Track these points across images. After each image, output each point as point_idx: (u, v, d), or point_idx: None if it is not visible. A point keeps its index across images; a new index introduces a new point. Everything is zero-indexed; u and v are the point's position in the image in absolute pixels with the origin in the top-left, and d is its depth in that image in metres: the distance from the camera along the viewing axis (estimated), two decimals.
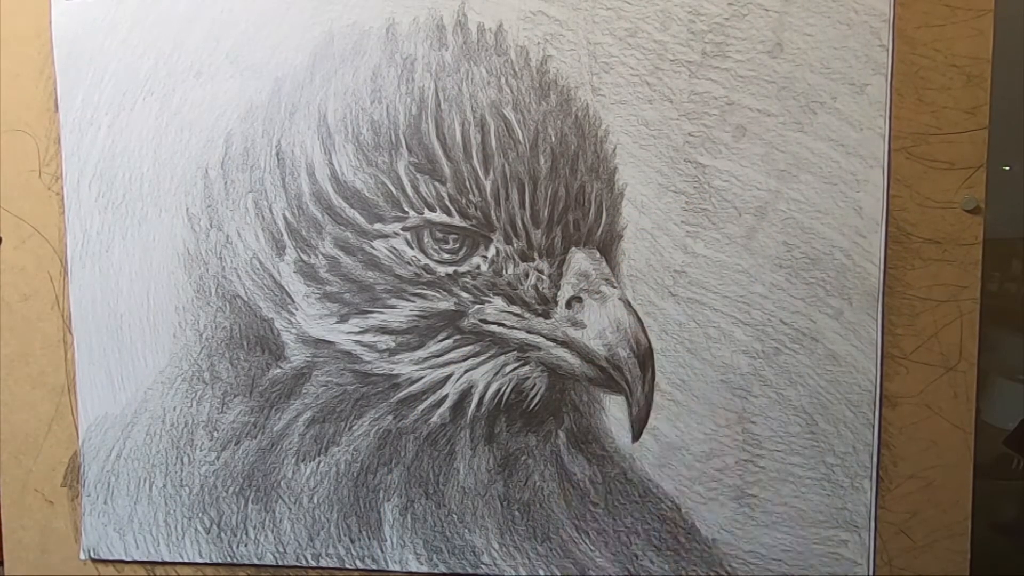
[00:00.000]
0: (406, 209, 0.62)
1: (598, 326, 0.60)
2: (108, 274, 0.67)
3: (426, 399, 0.63)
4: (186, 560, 0.68)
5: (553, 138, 0.60)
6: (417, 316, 0.63)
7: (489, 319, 0.62)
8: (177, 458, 0.67)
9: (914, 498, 0.60)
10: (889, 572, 0.61)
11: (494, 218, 0.61)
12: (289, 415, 0.65)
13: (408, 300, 0.63)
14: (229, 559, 0.67)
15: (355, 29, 0.63)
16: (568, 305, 0.61)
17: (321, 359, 0.64)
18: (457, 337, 0.62)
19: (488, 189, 0.60)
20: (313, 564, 0.66)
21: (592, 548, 0.63)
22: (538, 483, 0.63)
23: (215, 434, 0.66)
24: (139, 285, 0.67)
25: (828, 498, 0.60)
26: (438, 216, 0.61)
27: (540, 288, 0.61)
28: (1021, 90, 0.71)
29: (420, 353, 0.63)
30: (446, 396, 0.63)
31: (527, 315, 0.61)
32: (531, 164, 0.60)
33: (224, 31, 0.64)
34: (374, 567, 0.65)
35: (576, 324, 0.60)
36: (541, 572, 0.64)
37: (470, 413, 0.63)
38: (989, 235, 0.58)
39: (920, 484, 0.60)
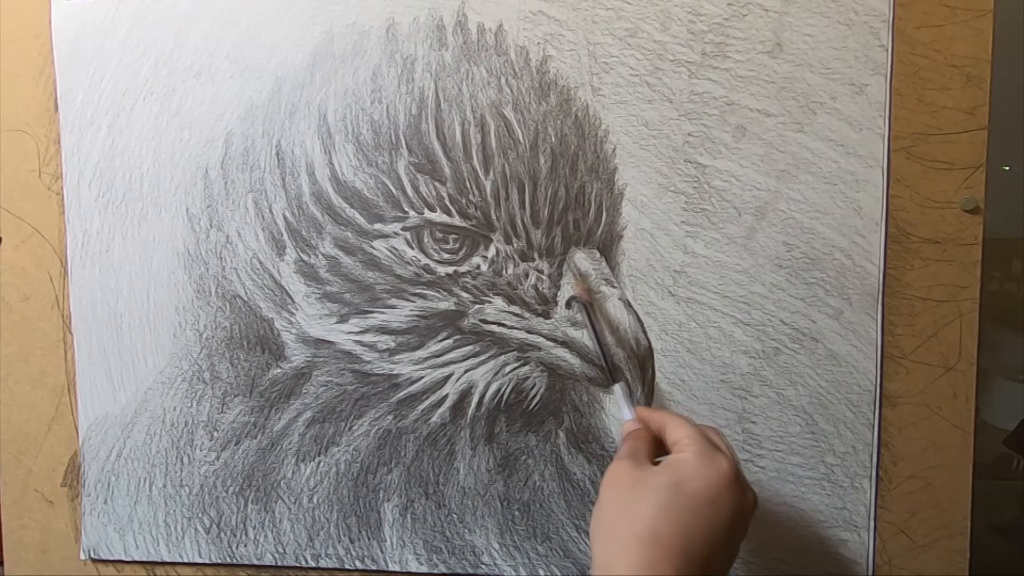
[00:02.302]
0: (406, 209, 0.62)
1: (598, 326, 0.60)
2: (108, 274, 0.67)
3: (426, 399, 0.63)
4: (186, 560, 0.68)
5: (553, 138, 0.60)
6: (417, 316, 0.63)
7: (489, 319, 0.62)
8: (177, 458, 0.67)
9: (914, 498, 0.60)
10: (889, 572, 0.61)
11: (494, 218, 0.61)
12: (289, 415, 0.65)
13: (408, 300, 0.63)
14: (229, 559, 0.67)
15: (355, 29, 0.63)
16: (568, 305, 0.61)
17: (321, 359, 0.64)
18: (457, 337, 0.62)
19: (488, 189, 0.60)
20: (313, 564, 0.66)
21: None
22: (538, 483, 0.63)
23: (215, 434, 0.66)
24: (139, 285, 0.67)
25: (828, 498, 0.61)
26: (438, 216, 0.61)
27: (540, 288, 0.61)
28: (1021, 90, 0.71)
29: (420, 353, 0.63)
30: (446, 396, 0.63)
31: (527, 315, 0.61)
32: (531, 164, 0.60)
33: (224, 31, 0.64)
34: (374, 567, 0.65)
35: (576, 324, 0.61)
36: (541, 572, 0.64)
37: (470, 413, 0.63)
38: (989, 235, 0.58)
39: (920, 484, 0.60)
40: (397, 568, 0.65)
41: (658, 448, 0.49)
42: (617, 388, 0.54)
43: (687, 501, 0.43)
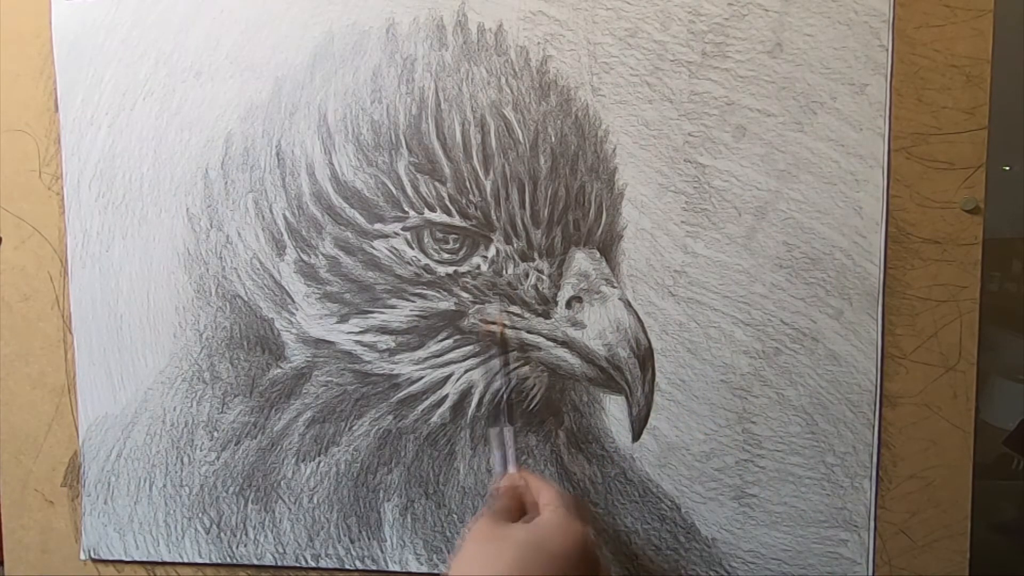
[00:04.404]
0: (406, 209, 0.62)
1: (598, 326, 0.60)
2: (108, 274, 0.67)
3: (426, 399, 0.63)
4: (186, 560, 0.68)
5: (553, 138, 0.60)
6: (417, 316, 0.63)
7: (489, 319, 0.62)
8: (177, 458, 0.67)
9: (914, 498, 0.60)
10: (889, 572, 0.61)
11: (494, 218, 0.61)
12: (289, 415, 0.65)
13: (408, 300, 0.63)
14: (229, 559, 0.67)
15: (355, 29, 0.63)
16: (568, 305, 0.61)
17: (321, 359, 0.64)
18: (457, 337, 0.62)
19: (488, 189, 0.60)
20: (313, 564, 0.66)
21: None
22: None
23: (215, 434, 0.66)
24: (139, 285, 0.67)
25: (828, 498, 0.60)
26: (438, 216, 0.61)
27: (540, 288, 0.61)
28: (1021, 90, 0.71)
29: (420, 353, 0.63)
30: (446, 396, 0.63)
31: (527, 315, 0.61)
32: (531, 164, 0.60)
33: (224, 31, 0.64)
34: (374, 567, 0.65)
35: (576, 324, 0.61)
36: None
37: (470, 413, 0.63)
38: (989, 235, 0.58)
39: (920, 484, 0.60)
40: (397, 568, 0.65)
41: (523, 509, 0.51)
42: (507, 434, 0.55)
43: (544, 558, 0.46)
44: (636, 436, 0.62)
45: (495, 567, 0.45)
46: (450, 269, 0.62)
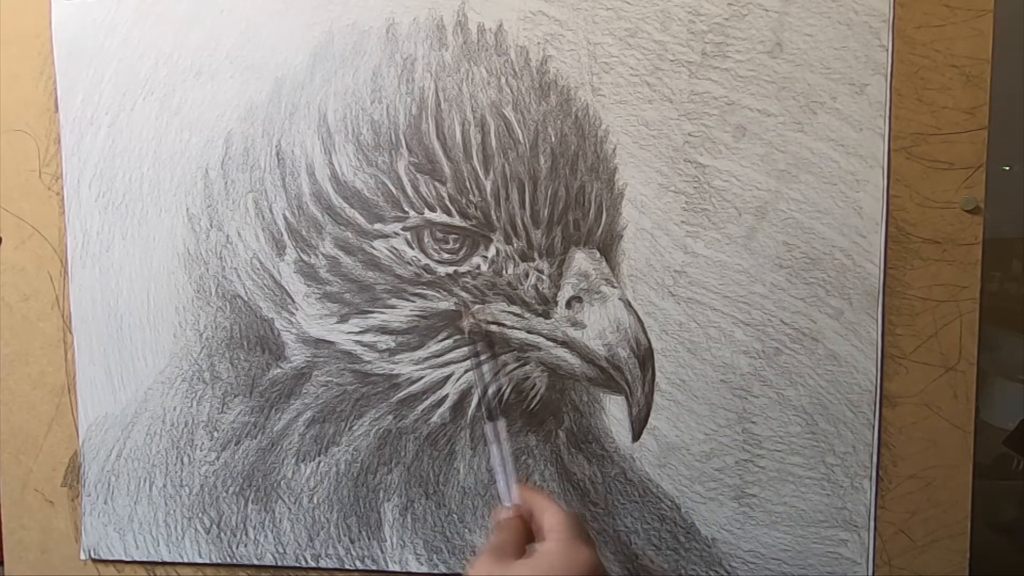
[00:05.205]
0: (406, 209, 0.62)
1: (598, 326, 0.60)
2: (108, 274, 0.67)
3: (426, 399, 0.63)
4: (186, 560, 0.68)
5: (553, 138, 0.60)
6: (417, 316, 0.63)
7: (489, 319, 0.62)
8: (177, 458, 0.67)
9: (914, 498, 0.60)
10: (889, 572, 0.61)
11: (494, 218, 0.61)
12: (289, 415, 0.65)
13: (408, 300, 0.63)
14: (229, 559, 0.67)
15: (355, 29, 0.63)
16: (568, 305, 0.61)
17: (321, 359, 0.64)
18: (457, 337, 0.62)
19: (488, 189, 0.60)
20: (313, 564, 0.66)
21: None
22: (538, 483, 0.63)
23: (215, 434, 0.66)
24: (139, 285, 0.67)
25: (828, 498, 0.60)
26: (438, 216, 0.61)
27: (540, 288, 0.61)
28: (1021, 90, 0.71)
29: (420, 353, 0.63)
30: (446, 396, 0.63)
31: (527, 315, 0.61)
32: (531, 164, 0.60)
33: (224, 31, 0.64)
34: (374, 567, 0.65)
35: (576, 324, 0.61)
36: None
37: (470, 413, 0.63)
38: (989, 235, 0.58)
39: (920, 484, 0.60)
40: (397, 568, 0.65)
41: (527, 535, 0.49)
42: (499, 428, 0.54)
43: None
44: (636, 436, 0.62)
45: None
46: (450, 269, 0.62)
